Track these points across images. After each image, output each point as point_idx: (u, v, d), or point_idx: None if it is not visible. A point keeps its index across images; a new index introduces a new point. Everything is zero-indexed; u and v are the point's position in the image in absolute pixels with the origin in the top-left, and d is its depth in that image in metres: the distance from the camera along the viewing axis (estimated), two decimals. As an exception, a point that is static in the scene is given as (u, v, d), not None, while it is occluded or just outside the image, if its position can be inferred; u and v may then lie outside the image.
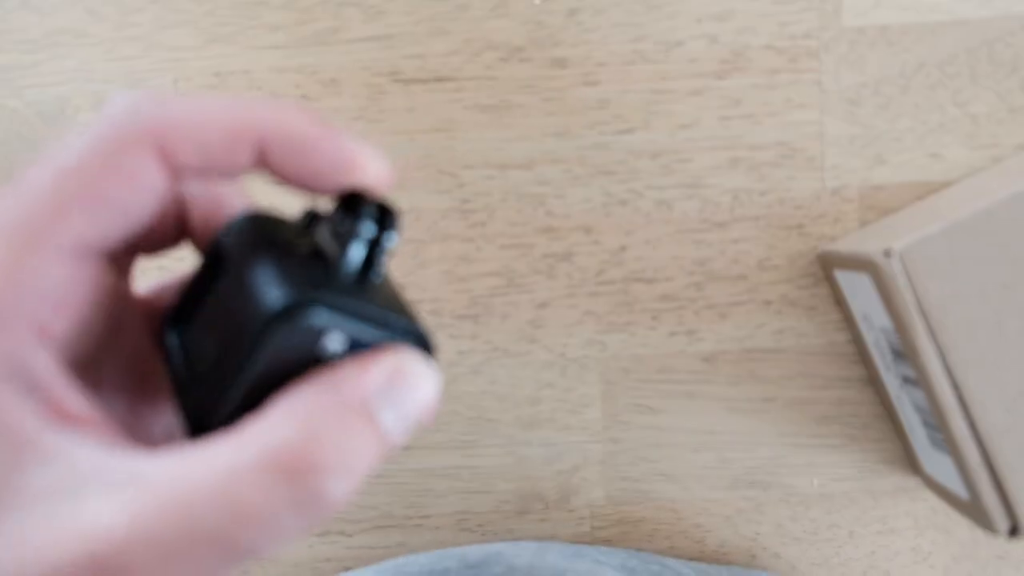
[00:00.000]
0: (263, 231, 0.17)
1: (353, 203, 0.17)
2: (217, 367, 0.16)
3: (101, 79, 0.40)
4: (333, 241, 0.17)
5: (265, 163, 0.17)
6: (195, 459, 0.15)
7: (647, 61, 0.40)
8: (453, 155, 0.40)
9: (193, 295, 0.18)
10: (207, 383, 0.17)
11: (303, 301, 0.16)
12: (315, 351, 0.16)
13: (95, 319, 0.17)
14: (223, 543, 0.14)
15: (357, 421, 0.16)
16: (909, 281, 0.31)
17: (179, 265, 0.40)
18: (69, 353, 0.16)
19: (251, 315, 0.16)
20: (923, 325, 0.31)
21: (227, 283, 0.17)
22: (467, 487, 0.41)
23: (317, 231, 0.17)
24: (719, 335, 0.41)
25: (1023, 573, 0.41)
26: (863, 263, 0.33)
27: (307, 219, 0.18)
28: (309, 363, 0.16)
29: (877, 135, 0.40)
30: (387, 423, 0.16)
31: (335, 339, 0.16)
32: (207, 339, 0.17)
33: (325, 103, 0.40)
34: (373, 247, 0.17)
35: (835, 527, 0.41)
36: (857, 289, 0.36)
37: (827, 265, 0.39)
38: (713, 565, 0.41)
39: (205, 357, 0.17)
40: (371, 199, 0.17)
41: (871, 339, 0.37)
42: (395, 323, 0.17)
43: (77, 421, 0.15)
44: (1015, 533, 0.32)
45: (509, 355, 0.41)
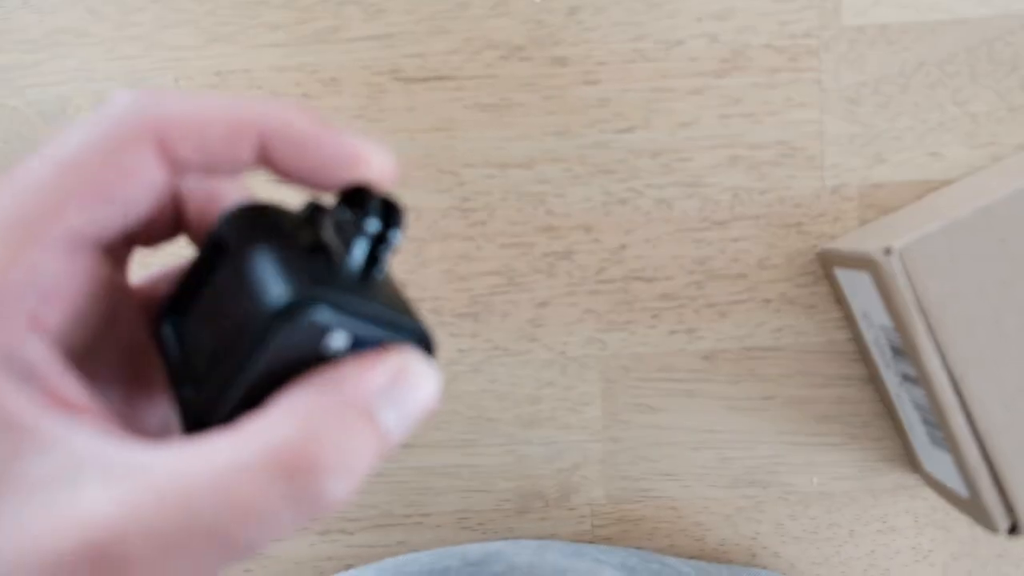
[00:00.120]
0: (263, 222, 0.17)
1: (358, 198, 0.16)
2: (215, 362, 0.16)
3: (102, 78, 0.40)
4: (336, 236, 0.16)
5: (267, 159, 0.17)
6: (195, 454, 0.14)
7: (647, 60, 0.40)
8: (453, 154, 0.40)
9: (190, 286, 0.18)
10: (205, 378, 0.16)
11: (307, 298, 0.15)
12: (317, 349, 0.16)
13: (90, 311, 0.17)
14: (220, 539, 0.14)
15: (358, 421, 0.15)
16: (909, 279, 0.31)
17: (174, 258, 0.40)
18: (64, 344, 0.16)
19: (252, 310, 0.15)
20: (922, 323, 0.31)
21: (226, 274, 0.17)
22: (467, 486, 0.41)
23: (320, 225, 0.17)
24: (719, 334, 0.41)
25: (1023, 571, 0.41)
26: (863, 261, 0.34)
27: (308, 211, 0.17)
28: (310, 360, 0.16)
29: (877, 134, 0.40)
30: (388, 423, 0.16)
31: (338, 337, 0.16)
32: (204, 331, 0.17)
33: (325, 102, 0.40)
34: (377, 243, 0.16)
35: (835, 525, 0.41)
36: (857, 287, 0.36)
37: (827, 263, 0.39)
38: (713, 564, 0.41)
39: (202, 350, 0.17)
40: (376, 194, 0.16)
41: (871, 337, 0.37)
42: (398, 322, 0.17)
43: (75, 408, 0.15)
44: (1015, 531, 0.32)
45: (509, 354, 0.41)
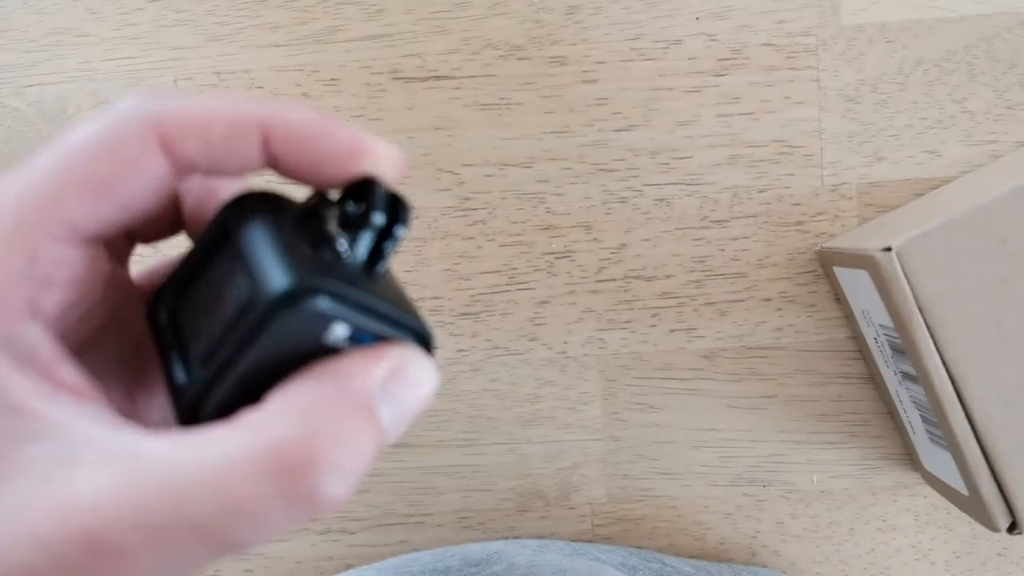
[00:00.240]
0: (266, 208, 0.17)
1: (364, 191, 0.16)
2: (211, 349, 0.16)
3: (102, 78, 0.40)
4: (341, 228, 0.16)
5: (271, 157, 0.16)
6: (192, 445, 0.14)
7: (646, 59, 0.40)
8: (453, 153, 0.40)
9: (189, 271, 0.17)
10: (199, 366, 0.16)
11: (309, 287, 0.15)
12: (316, 340, 0.15)
13: (91, 303, 0.17)
14: (212, 535, 0.14)
15: (359, 416, 0.15)
16: (907, 277, 0.31)
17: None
18: (64, 334, 0.16)
19: (252, 296, 0.15)
20: (921, 321, 0.31)
21: (226, 260, 0.16)
22: (468, 485, 0.41)
23: (324, 216, 0.16)
24: (719, 332, 0.41)
25: (1023, 569, 0.41)
26: (862, 260, 0.34)
27: (313, 201, 0.17)
28: (308, 352, 0.16)
29: (875, 132, 0.40)
30: (385, 420, 0.16)
31: (338, 329, 0.16)
32: (201, 317, 0.16)
33: (325, 102, 0.40)
34: (382, 238, 0.16)
35: (835, 524, 0.41)
36: (856, 286, 0.36)
37: (826, 262, 0.39)
38: (713, 563, 0.41)
39: (198, 336, 0.16)
40: (383, 188, 0.16)
41: (870, 335, 0.37)
42: (398, 317, 0.16)
43: (73, 391, 0.15)
44: (1015, 529, 0.32)
45: (509, 353, 0.41)
